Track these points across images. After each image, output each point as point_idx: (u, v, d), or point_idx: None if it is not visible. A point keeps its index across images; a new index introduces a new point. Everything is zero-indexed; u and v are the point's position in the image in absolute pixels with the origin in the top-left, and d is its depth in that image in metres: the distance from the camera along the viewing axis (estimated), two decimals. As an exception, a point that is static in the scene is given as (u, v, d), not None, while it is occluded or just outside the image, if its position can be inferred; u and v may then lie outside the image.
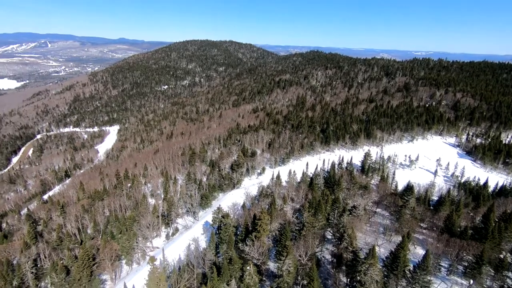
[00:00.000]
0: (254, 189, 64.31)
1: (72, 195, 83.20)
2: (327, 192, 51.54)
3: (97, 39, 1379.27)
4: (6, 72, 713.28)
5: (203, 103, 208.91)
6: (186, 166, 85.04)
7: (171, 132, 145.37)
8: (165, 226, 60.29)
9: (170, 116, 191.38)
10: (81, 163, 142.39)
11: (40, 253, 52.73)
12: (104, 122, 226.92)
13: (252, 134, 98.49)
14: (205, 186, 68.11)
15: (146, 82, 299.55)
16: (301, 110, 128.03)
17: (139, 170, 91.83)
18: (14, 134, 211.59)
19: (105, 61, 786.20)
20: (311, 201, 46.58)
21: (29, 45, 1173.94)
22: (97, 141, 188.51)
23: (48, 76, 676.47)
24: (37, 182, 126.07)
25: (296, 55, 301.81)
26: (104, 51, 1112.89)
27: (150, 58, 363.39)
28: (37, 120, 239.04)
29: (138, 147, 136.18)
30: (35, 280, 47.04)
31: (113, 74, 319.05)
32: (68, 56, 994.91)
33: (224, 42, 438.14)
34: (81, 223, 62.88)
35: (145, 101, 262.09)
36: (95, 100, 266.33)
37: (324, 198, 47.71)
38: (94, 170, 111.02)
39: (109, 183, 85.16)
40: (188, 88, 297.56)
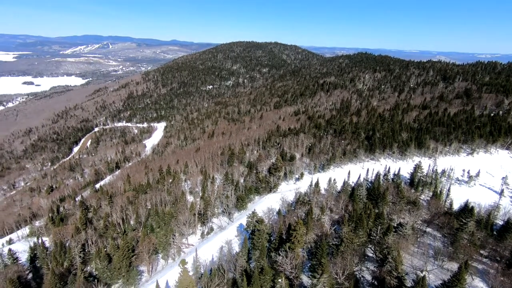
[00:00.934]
0: (291, 195, 62.40)
1: (120, 186, 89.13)
2: (370, 205, 47.76)
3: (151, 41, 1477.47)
4: (74, 70, 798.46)
5: (245, 103, 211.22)
6: (225, 166, 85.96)
7: (212, 131, 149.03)
8: (201, 224, 61.26)
9: (212, 116, 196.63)
10: (130, 156, 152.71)
11: (88, 239, 56.95)
12: (152, 118, 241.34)
13: (292, 137, 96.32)
14: (241, 188, 67.96)
15: (192, 81, 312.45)
16: (345, 114, 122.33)
17: (181, 167, 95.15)
18: (77, 126, 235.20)
19: (157, 61, 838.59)
20: (352, 213, 43.44)
21: (94, 46, 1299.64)
22: (146, 136, 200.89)
23: (108, 75, 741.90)
24: (92, 172, 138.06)
25: (342, 57, 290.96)
26: (157, 52, 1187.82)
27: (197, 59, 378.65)
28: (96, 114, 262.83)
29: (181, 144, 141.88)
30: (82, 264, 50.70)
31: (163, 73, 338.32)
32: (125, 56, 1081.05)
33: (269, 44, 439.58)
34: (125, 213, 66.74)
35: (190, 100, 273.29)
36: (146, 98, 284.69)
37: (366, 212, 44.15)
38: (141, 164, 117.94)
39: (152, 178, 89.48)
40: (231, 88, 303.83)
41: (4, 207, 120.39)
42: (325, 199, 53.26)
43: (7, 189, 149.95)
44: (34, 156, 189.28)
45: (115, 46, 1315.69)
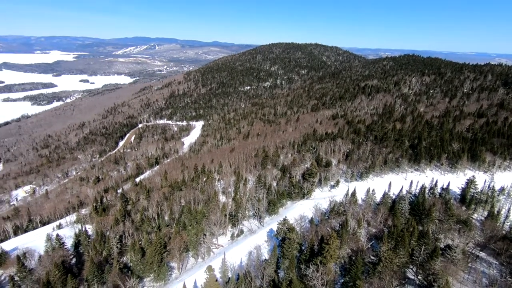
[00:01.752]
0: (325, 203, 59.70)
1: (157, 181, 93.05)
2: (413, 221, 43.67)
3: (194, 42, 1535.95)
4: (123, 70, 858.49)
5: (281, 105, 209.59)
6: (258, 168, 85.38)
7: (248, 132, 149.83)
8: (231, 226, 61.24)
9: (249, 116, 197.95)
10: (169, 153, 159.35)
11: (126, 231, 59.76)
12: (191, 117, 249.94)
13: (329, 142, 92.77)
14: (274, 192, 66.73)
15: (231, 82, 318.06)
16: (388, 120, 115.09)
17: (215, 166, 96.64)
18: (123, 122, 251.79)
19: (199, 62, 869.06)
20: (392, 229, 40.00)
21: (142, 47, 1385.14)
22: (184, 134, 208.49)
23: (153, 74, 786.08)
24: (134, 166, 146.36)
25: (387, 59, 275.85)
26: (199, 53, 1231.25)
27: (237, 60, 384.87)
28: (140, 112, 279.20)
29: (217, 143, 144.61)
30: (118, 255, 53.34)
31: (204, 74, 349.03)
32: (170, 57, 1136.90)
33: (309, 45, 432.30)
34: (160, 209, 69.12)
35: (228, 100, 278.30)
36: (187, 97, 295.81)
37: (409, 229, 40.35)
38: (178, 161, 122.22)
39: (188, 175, 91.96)
40: (269, 89, 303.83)
41: (57, 193, 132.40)
42: (362, 211, 49.91)
43: (61, 177, 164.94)
44: (85, 148, 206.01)
45: (161, 47, 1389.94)
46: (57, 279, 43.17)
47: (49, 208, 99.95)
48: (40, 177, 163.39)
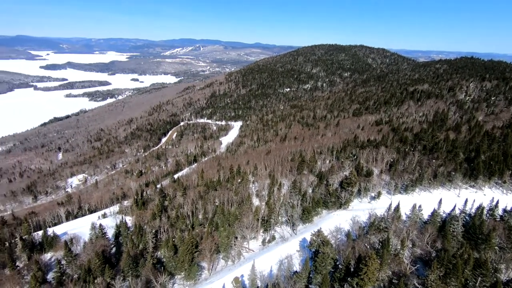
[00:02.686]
0: (364, 216, 55.79)
1: (194, 179, 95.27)
2: (467, 246, 38.56)
3: (236, 44, 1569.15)
4: (170, 70, 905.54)
5: (321, 108, 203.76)
6: (294, 173, 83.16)
7: (285, 135, 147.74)
8: (263, 230, 60.10)
9: (287, 119, 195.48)
10: (207, 151, 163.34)
11: (161, 226, 61.75)
12: (230, 117, 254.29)
13: (371, 150, 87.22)
14: (309, 199, 64.20)
15: (271, 83, 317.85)
16: (440, 129, 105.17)
17: (250, 168, 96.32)
18: (166, 119, 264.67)
19: (240, 63, 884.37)
20: (441, 254, 35.60)
21: (188, 49, 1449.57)
22: (222, 134, 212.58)
23: (197, 74, 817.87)
24: (174, 162, 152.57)
25: (440, 62, 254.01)
26: (240, 54, 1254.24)
27: (278, 62, 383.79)
28: (182, 110, 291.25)
29: (254, 145, 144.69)
30: (153, 250, 55.17)
31: (244, 75, 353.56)
32: (213, 58, 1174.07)
33: (354, 47, 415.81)
34: (195, 207, 70.38)
35: (267, 102, 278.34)
36: (227, 97, 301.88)
37: (463, 256, 35.60)
38: (214, 160, 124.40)
39: (223, 175, 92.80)
40: (309, 92, 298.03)
41: (105, 184, 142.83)
42: (407, 228, 45.43)
43: (110, 168, 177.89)
44: (131, 143, 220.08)
45: (205, 48, 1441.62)
46: (97, 267, 45.72)
47: (97, 197, 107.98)
48: (92, 168, 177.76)
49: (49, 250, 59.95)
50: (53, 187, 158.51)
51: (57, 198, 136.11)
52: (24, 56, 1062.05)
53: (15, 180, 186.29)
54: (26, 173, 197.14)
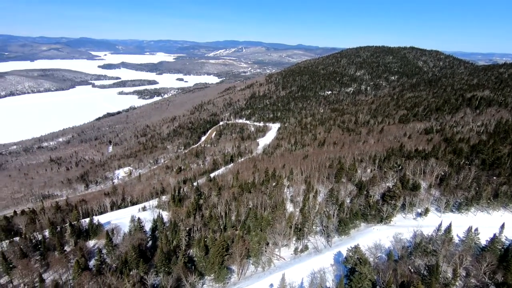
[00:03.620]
0: (408, 233, 50.95)
1: (229, 180, 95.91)
2: (536, 283, 32.80)
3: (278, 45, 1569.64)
4: (213, 70, 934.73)
5: (364, 113, 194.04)
6: (331, 180, 79.52)
7: (324, 140, 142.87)
8: (296, 238, 58.04)
9: (326, 123, 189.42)
10: (244, 152, 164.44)
11: (195, 225, 62.67)
12: (269, 118, 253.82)
13: (419, 161, 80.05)
14: (346, 210, 60.58)
15: (311, 86, 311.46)
16: (502, 141, 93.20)
17: (286, 172, 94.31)
18: (206, 118, 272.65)
19: (282, 65, 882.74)
20: (503, 290, 30.63)
21: (231, 50, 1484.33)
22: (260, 135, 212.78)
23: (238, 75, 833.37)
24: (211, 161, 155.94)
25: (504, 66, 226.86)
26: (282, 55, 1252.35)
27: (319, 64, 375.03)
28: (222, 110, 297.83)
29: (291, 148, 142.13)
30: (186, 247, 56.13)
31: (285, 76, 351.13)
32: (254, 59, 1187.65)
33: (403, 49, 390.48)
34: (228, 208, 70.46)
35: (307, 104, 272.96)
36: (266, 99, 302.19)
37: (531, 294, 30.26)
38: (250, 161, 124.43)
39: (258, 178, 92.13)
40: (351, 95, 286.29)
41: (147, 178, 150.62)
42: (459, 255, 40.18)
43: (152, 163, 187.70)
44: (173, 140, 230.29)
45: (248, 50, 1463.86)
46: (132, 259, 47.55)
47: (139, 190, 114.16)
48: (137, 161, 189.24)
49: (93, 237, 64.23)
50: (102, 177, 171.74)
51: (105, 188, 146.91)
52: (85, 56, 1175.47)
53: (71, 168, 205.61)
54: (81, 163, 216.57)
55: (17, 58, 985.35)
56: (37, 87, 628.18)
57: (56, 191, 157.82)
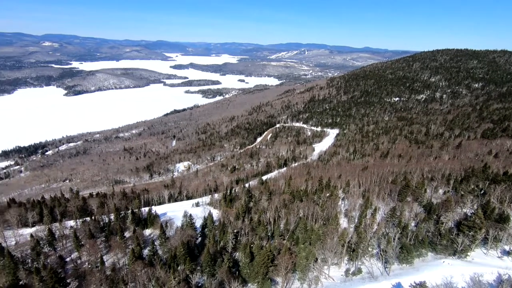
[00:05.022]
0: (490, 275, 42.18)
1: (281, 185, 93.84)
2: None
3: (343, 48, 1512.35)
4: (273, 73, 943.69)
5: (437, 124, 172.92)
6: (394, 198, 71.55)
7: (387, 151, 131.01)
8: (348, 258, 53.27)
9: (391, 132, 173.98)
10: (298, 156, 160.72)
11: (243, 228, 62.24)
12: (327, 124, 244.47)
13: (508, 186, 66.85)
14: (410, 234, 53.34)
15: (377, 91, 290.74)
16: None
17: (342, 182, 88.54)
18: (263, 120, 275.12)
19: (345, 68, 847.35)
20: None
21: (293, 52, 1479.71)
22: (316, 140, 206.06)
23: (298, 78, 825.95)
24: (264, 163, 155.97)
25: None
26: (346, 58, 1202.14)
27: (388, 68, 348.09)
28: (280, 112, 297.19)
29: (349, 157, 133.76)
30: (232, 250, 55.95)
31: (348, 80, 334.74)
32: (316, 62, 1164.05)
33: (492, 52, 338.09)
34: (277, 215, 68.55)
35: (370, 111, 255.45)
36: (326, 103, 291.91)
37: None
38: (304, 167, 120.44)
39: (311, 186, 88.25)
40: (422, 103, 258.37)
41: (203, 174, 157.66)
42: None
43: (209, 160, 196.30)
44: (230, 139, 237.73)
45: (310, 52, 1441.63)
46: (181, 255, 48.93)
47: (194, 185, 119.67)
48: (195, 157, 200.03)
49: (150, 227, 68.67)
50: (164, 169, 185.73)
51: (166, 179, 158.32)
52: (160, 57, 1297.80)
53: (140, 158, 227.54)
54: (148, 154, 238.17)
55: (106, 58, 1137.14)
56: (119, 84, 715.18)
57: (126, 178, 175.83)
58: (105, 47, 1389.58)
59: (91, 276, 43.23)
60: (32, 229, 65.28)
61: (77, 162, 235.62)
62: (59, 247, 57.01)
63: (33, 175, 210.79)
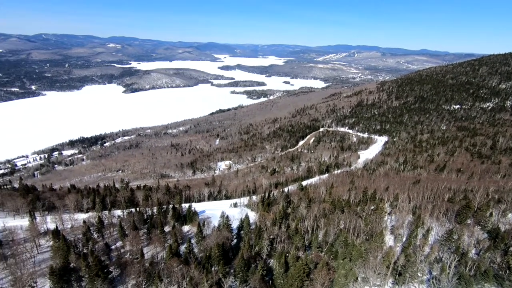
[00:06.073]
0: None
1: (321, 192, 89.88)
2: None
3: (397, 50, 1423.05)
4: (320, 75, 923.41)
5: (507, 137, 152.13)
6: (450, 219, 63.76)
7: (444, 164, 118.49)
8: (392, 281, 48.46)
9: (449, 143, 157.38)
10: (341, 163, 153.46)
11: (279, 235, 60.39)
12: (374, 130, 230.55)
13: None
14: (470, 264, 46.63)
15: (434, 97, 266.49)
16: None
17: (389, 195, 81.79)
18: (307, 123, 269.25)
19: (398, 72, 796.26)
20: None
21: (342, 55, 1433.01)
22: (362, 147, 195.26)
23: (346, 81, 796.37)
24: (305, 167, 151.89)
25: None
26: (400, 61, 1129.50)
27: (448, 72, 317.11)
28: (324, 116, 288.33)
29: (398, 168, 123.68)
30: (266, 257, 54.55)
31: (401, 85, 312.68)
32: (367, 65, 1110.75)
33: None
34: (316, 225, 65.38)
35: (424, 118, 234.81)
36: (375, 108, 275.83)
37: None
38: (348, 176, 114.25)
39: (354, 196, 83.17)
40: (489, 113, 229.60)
41: (243, 174, 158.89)
42: None
43: (250, 160, 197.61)
44: (272, 141, 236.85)
45: (360, 55, 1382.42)
46: (215, 257, 48.89)
47: (234, 185, 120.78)
48: (237, 157, 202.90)
49: (189, 223, 70.36)
50: (207, 166, 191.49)
51: (207, 177, 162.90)
52: (209, 58, 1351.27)
53: (185, 154, 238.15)
54: (193, 151, 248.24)
55: (161, 59, 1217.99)
56: (171, 83, 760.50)
57: (171, 172, 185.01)
58: (161, 48, 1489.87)
59: (131, 267, 45.08)
60: (86, 215, 71.19)
61: (130, 154, 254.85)
62: (106, 235, 61.06)
63: (92, 164, 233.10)
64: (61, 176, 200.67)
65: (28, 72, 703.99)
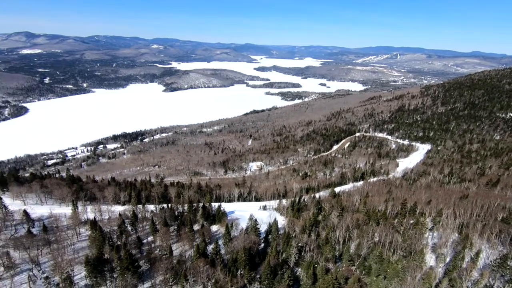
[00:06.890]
0: None
1: (355, 201, 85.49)
2: None
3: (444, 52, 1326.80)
4: (358, 77, 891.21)
5: None
6: (504, 242, 56.70)
7: (497, 178, 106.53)
8: (433, 305, 44.06)
9: (504, 155, 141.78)
10: (378, 171, 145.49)
11: (308, 244, 58.13)
12: (416, 137, 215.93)
13: None
14: (528, 296, 40.84)
15: (487, 104, 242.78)
16: None
17: (431, 209, 75.19)
18: (342, 127, 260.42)
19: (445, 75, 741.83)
20: None
21: (383, 57, 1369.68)
22: (402, 155, 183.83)
23: (386, 84, 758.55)
24: (339, 173, 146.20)
25: None
26: (448, 64, 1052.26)
27: (504, 76, 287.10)
28: (361, 120, 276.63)
29: (442, 179, 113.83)
30: (294, 265, 52.72)
31: (448, 89, 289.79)
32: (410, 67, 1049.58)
33: None
34: (348, 235, 62.05)
35: (475, 126, 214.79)
36: (417, 114, 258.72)
37: None
38: (384, 185, 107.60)
39: (391, 208, 77.71)
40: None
41: (274, 176, 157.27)
42: None
43: (282, 163, 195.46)
44: (305, 144, 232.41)
45: (403, 57, 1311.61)
46: (242, 261, 48.21)
47: (264, 187, 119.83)
48: (268, 158, 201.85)
49: (217, 223, 70.73)
50: (238, 166, 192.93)
51: (238, 177, 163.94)
52: (246, 59, 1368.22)
53: (217, 153, 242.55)
54: (225, 150, 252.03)
55: (199, 59, 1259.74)
56: (208, 83, 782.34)
57: (204, 170, 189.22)
58: (200, 49, 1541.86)
59: (160, 263, 46.01)
60: (122, 208, 74.74)
61: (166, 151, 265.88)
62: (139, 228, 63.44)
63: (132, 158, 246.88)
64: (104, 168, 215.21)
65: (81, 71, 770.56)
